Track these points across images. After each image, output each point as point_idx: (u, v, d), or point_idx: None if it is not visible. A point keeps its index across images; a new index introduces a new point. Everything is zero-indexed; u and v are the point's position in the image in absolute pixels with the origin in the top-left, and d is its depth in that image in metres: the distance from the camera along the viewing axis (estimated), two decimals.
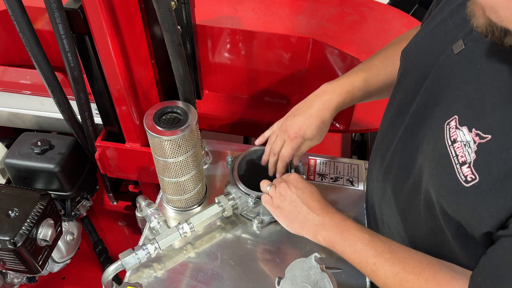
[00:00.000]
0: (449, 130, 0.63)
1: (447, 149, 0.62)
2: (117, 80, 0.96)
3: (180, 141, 0.88)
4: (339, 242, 0.79)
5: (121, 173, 1.23)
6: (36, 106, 1.41)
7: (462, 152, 0.60)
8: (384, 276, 0.72)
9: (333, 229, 0.81)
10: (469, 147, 0.59)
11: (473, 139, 0.58)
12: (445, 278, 0.66)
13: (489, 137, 0.57)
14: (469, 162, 0.58)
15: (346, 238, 0.78)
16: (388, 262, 0.72)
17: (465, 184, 0.59)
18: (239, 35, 1.35)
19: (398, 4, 1.74)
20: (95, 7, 0.82)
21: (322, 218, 0.82)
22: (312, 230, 0.83)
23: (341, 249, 0.79)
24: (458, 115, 0.62)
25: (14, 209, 1.04)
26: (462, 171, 0.59)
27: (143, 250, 0.88)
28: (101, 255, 1.51)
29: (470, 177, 0.58)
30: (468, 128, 0.60)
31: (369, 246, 0.75)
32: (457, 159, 0.60)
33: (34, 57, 0.95)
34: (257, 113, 1.47)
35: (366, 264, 0.74)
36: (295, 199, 0.86)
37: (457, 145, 0.61)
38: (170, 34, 0.83)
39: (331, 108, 0.91)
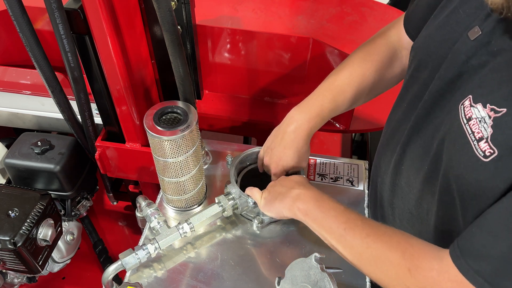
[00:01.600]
0: (464, 110, 0.63)
1: (463, 128, 0.62)
2: (117, 80, 0.96)
3: (180, 141, 0.88)
4: (312, 211, 0.81)
5: (121, 173, 1.23)
6: (36, 106, 1.41)
7: (478, 128, 0.60)
8: (352, 240, 0.72)
9: (307, 199, 0.83)
10: (484, 123, 0.59)
11: (488, 114, 0.58)
12: (420, 244, 0.66)
13: (504, 110, 0.57)
14: (486, 137, 0.58)
15: (320, 207, 0.81)
16: (358, 227, 0.73)
17: (484, 160, 0.59)
18: (239, 35, 1.35)
19: (398, 4, 1.74)
20: (95, 7, 0.82)
21: (298, 190, 0.85)
22: (289, 203, 0.85)
23: (313, 217, 0.80)
24: (472, 94, 0.62)
25: (14, 209, 1.04)
26: (480, 147, 0.59)
27: (143, 250, 0.88)
28: (101, 255, 1.51)
29: (489, 152, 0.58)
30: (483, 104, 0.60)
31: (342, 215, 0.77)
32: (474, 135, 0.60)
33: (34, 57, 0.95)
34: (257, 113, 1.47)
35: (336, 229, 0.75)
36: (280, 190, 0.89)
37: (473, 122, 0.61)
38: (170, 34, 0.83)
39: (303, 136, 0.95)
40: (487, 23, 0.65)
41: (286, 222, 1.02)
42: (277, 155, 0.96)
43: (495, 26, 0.63)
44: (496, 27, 0.63)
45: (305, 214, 0.82)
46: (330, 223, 0.77)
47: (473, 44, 0.66)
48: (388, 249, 0.67)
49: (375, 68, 0.94)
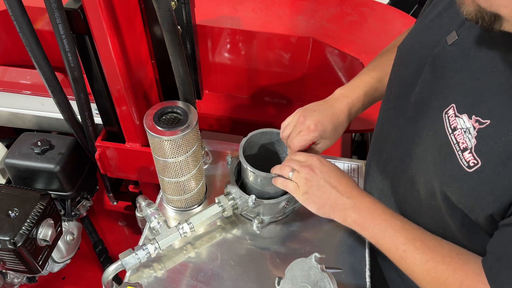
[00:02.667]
0: (448, 119, 0.64)
1: (448, 137, 0.64)
2: (117, 80, 0.96)
3: (180, 141, 0.88)
4: (369, 226, 0.78)
5: (121, 173, 1.23)
6: (36, 106, 1.41)
7: (462, 138, 0.61)
8: (413, 264, 0.71)
9: (363, 213, 0.79)
10: (469, 134, 0.60)
11: (473, 125, 0.60)
12: (473, 269, 0.65)
13: (488, 122, 0.58)
14: (470, 147, 0.60)
15: (377, 223, 0.77)
16: (418, 250, 0.71)
17: (468, 170, 0.60)
18: (239, 35, 1.35)
19: (398, 4, 1.74)
20: (95, 7, 0.82)
21: (352, 201, 0.81)
22: (342, 213, 0.82)
23: (370, 234, 0.78)
24: (455, 103, 0.64)
25: (14, 209, 1.04)
26: (464, 157, 0.61)
27: (143, 250, 0.88)
28: (101, 255, 1.51)
29: (473, 162, 0.60)
30: (468, 115, 0.61)
31: (399, 233, 0.74)
32: (458, 146, 0.62)
33: (34, 57, 0.95)
34: (257, 113, 1.47)
35: (396, 251, 0.74)
36: (322, 184, 0.83)
37: (458, 133, 0.62)
38: (170, 34, 0.83)
39: (351, 112, 0.92)
40: (463, 28, 0.66)
41: (286, 222, 1.02)
42: (321, 117, 0.89)
43: (470, 31, 0.64)
44: (472, 32, 0.64)
45: (362, 229, 0.80)
46: (389, 243, 0.75)
47: (450, 48, 0.67)
48: (447, 278, 0.67)
49: None
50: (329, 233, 1.00)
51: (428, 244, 0.71)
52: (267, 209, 0.99)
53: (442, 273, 0.67)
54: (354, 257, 0.95)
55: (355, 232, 0.98)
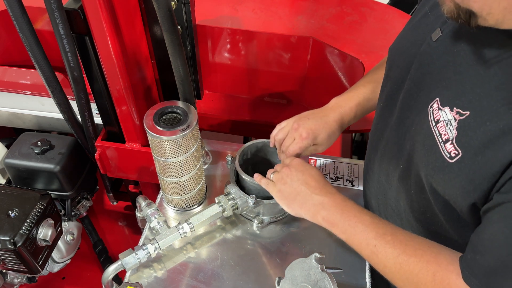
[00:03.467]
0: (433, 112, 0.67)
1: (431, 130, 0.66)
2: (117, 80, 0.96)
3: (180, 141, 0.88)
4: (338, 222, 0.78)
5: (121, 173, 1.23)
6: (36, 106, 1.41)
7: (445, 130, 0.63)
8: (385, 258, 0.71)
9: (332, 209, 0.80)
10: (450, 125, 0.63)
11: (454, 117, 0.62)
12: (446, 260, 0.66)
13: (467, 113, 0.61)
14: (451, 139, 0.62)
15: (347, 219, 0.77)
16: (389, 244, 0.71)
17: (449, 160, 0.62)
18: (239, 35, 1.35)
19: (398, 4, 1.74)
20: (95, 7, 0.82)
21: (321, 197, 0.82)
22: (311, 209, 0.82)
23: (340, 230, 0.78)
24: (439, 97, 0.66)
25: (14, 209, 1.04)
26: (446, 148, 0.63)
27: (143, 250, 0.88)
28: (101, 255, 1.51)
29: (454, 153, 0.62)
30: (450, 107, 0.63)
31: (370, 228, 0.74)
32: (441, 137, 0.64)
33: (34, 57, 0.95)
34: (257, 113, 1.47)
35: (366, 246, 0.74)
36: (295, 181, 0.85)
37: (440, 125, 0.64)
38: (170, 34, 0.83)
39: (344, 121, 0.95)
40: (447, 25, 0.68)
41: (286, 222, 1.02)
42: (315, 125, 0.93)
43: (453, 27, 0.67)
44: (454, 29, 0.66)
45: (332, 225, 0.80)
46: (360, 238, 0.75)
47: (435, 45, 0.69)
48: (420, 271, 0.67)
49: None
50: (329, 233, 0.99)
51: (399, 238, 0.71)
52: (267, 209, 0.99)
53: (414, 266, 0.68)
54: (354, 257, 0.95)
55: None
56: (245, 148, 1.05)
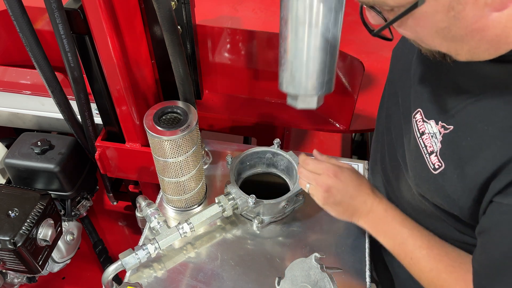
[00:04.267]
0: (417, 123, 0.70)
1: (417, 141, 0.70)
2: (117, 80, 0.96)
3: (180, 141, 0.88)
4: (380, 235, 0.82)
5: (121, 173, 1.23)
6: (36, 106, 1.41)
7: (430, 142, 0.67)
8: (419, 271, 0.75)
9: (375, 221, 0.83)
10: (435, 138, 0.66)
11: (439, 131, 0.66)
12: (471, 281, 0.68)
13: (451, 127, 0.64)
14: (436, 151, 0.65)
15: (387, 232, 0.81)
16: (423, 259, 0.75)
17: (434, 172, 0.66)
18: (239, 35, 1.34)
19: None
20: (95, 7, 0.82)
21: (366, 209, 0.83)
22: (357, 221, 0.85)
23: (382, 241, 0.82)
24: (422, 109, 0.69)
25: (14, 209, 1.04)
26: (431, 159, 0.66)
27: (143, 250, 0.88)
28: (101, 255, 1.51)
29: (438, 165, 0.65)
30: (435, 121, 0.67)
31: (407, 241, 0.78)
32: (426, 149, 0.67)
33: (34, 57, 0.95)
34: (257, 113, 1.47)
35: (404, 258, 0.78)
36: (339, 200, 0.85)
37: (425, 137, 0.68)
38: (170, 34, 0.83)
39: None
40: None
41: (286, 222, 1.02)
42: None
43: None
44: None
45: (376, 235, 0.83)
46: (399, 251, 0.79)
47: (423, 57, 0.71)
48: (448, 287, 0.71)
49: None
50: (329, 233, 1.00)
51: (433, 253, 0.74)
52: (267, 209, 0.99)
53: (444, 282, 0.71)
54: (354, 257, 0.95)
55: (355, 232, 0.99)
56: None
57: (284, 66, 0.74)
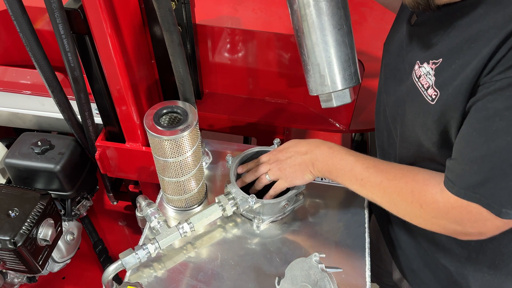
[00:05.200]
0: (415, 72, 0.78)
1: (416, 85, 0.77)
2: (117, 80, 0.96)
3: (180, 141, 0.88)
4: (332, 169, 0.89)
5: (121, 173, 1.23)
6: (36, 106, 1.41)
7: (425, 80, 0.74)
8: (371, 188, 0.82)
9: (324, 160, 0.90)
10: (429, 75, 0.73)
11: (431, 68, 0.73)
12: (423, 177, 0.76)
13: (440, 60, 0.71)
14: (431, 84, 0.72)
15: (336, 164, 0.88)
16: (372, 175, 0.82)
17: (431, 103, 0.72)
18: (239, 35, 1.35)
19: None
20: (95, 7, 0.82)
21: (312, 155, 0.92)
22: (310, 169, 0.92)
23: (336, 175, 0.89)
24: (418, 60, 0.77)
25: (14, 209, 1.04)
26: (428, 93, 0.73)
27: (143, 249, 0.88)
28: (101, 255, 1.51)
29: (434, 95, 0.72)
30: (427, 62, 0.74)
31: (355, 165, 0.85)
32: (423, 87, 0.75)
33: (34, 57, 0.95)
34: (257, 113, 1.47)
35: (355, 181, 0.85)
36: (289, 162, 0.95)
37: (422, 78, 0.75)
38: (170, 34, 0.83)
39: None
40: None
41: (286, 222, 1.02)
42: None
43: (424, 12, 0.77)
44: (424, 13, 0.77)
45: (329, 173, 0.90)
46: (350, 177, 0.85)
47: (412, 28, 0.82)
48: (400, 191, 0.78)
49: None
50: (329, 233, 1.00)
51: (380, 168, 0.82)
52: (267, 209, 0.99)
53: (394, 188, 0.78)
54: (354, 257, 0.95)
55: (355, 232, 0.99)
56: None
57: (311, 72, 0.84)
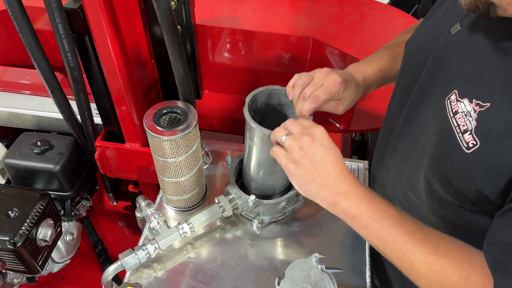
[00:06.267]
0: (450, 104, 0.66)
1: (449, 121, 0.65)
2: (117, 80, 0.96)
3: (180, 141, 0.88)
4: (363, 216, 0.70)
5: (121, 173, 1.23)
6: (36, 106, 1.41)
7: (463, 121, 0.63)
8: (413, 257, 0.66)
9: (356, 200, 0.71)
10: (470, 116, 0.62)
11: (474, 109, 0.62)
12: (480, 263, 0.63)
13: (488, 104, 0.60)
14: (470, 129, 0.62)
15: (372, 212, 0.70)
16: (418, 243, 0.66)
17: (466, 151, 0.62)
18: (239, 35, 1.34)
19: (398, 4, 1.74)
20: (95, 7, 0.82)
21: (345, 186, 0.72)
22: (331, 198, 0.73)
23: (364, 224, 0.71)
24: (457, 89, 0.65)
25: (14, 209, 1.03)
26: (464, 138, 0.62)
27: (143, 250, 0.88)
28: (101, 255, 1.51)
29: (472, 143, 0.61)
30: (469, 99, 0.63)
31: (398, 224, 0.68)
32: (459, 128, 0.63)
33: (34, 57, 0.95)
34: None
35: (393, 243, 0.68)
36: (318, 158, 0.73)
37: (459, 116, 0.64)
38: (170, 34, 0.83)
39: (367, 86, 0.92)
40: (467, 19, 0.68)
41: (286, 222, 1.02)
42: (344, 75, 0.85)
43: (473, 21, 0.67)
44: (473, 23, 0.67)
45: (353, 219, 0.72)
46: (386, 234, 0.69)
47: (453, 38, 0.69)
48: (452, 273, 0.64)
49: None
50: (329, 233, 1.00)
51: (429, 237, 0.67)
52: (267, 209, 0.98)
53: (446, 267, 0.64)
54: (354, 257, 0.95)
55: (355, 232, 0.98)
56: (256, 95, 0.88)
57: None
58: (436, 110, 0.69)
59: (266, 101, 0.91)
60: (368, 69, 0.93)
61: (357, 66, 0.94)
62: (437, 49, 0.72)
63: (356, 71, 0.92)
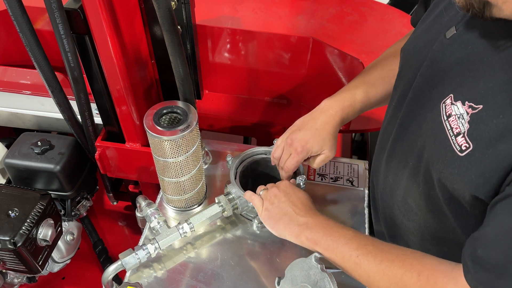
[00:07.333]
0: (445, 108, 0.67)
1: (443, 124, 0.66)
2: (117, 80, 0.96)
3: (180, 141, 0.88)
4: (321, 239, 0.79)
5: (121, 173, 1.23)
6: (36, 106, 1.41)
7: (456, 124, 0.63)
8: (367, 268, 0.72)
9: (315, 228, 0.81)
10: (462, 119, 0.62)
11: (466, 111, 0.62)
12: (431, 262, 0.67)
13: (480, 106, 0.60)
14: (463, 132, 0.62)
15: (329, 235, 0.78)
16: (371, 253, 0.72)
17: (460, 154, 0.62)
18: (239, 35, 1.35)
19: (398, 4, 1.74)
20: (95, 7, 0.82)
21: (305, 218, 0.83)
22: (295, 230, 0.83)
23: (323, 247, 0.78)
24: (453, 93, 0.66)
25: (14, 209, 1.03)
26: (457, 141, 0.63)
27: (143, 250, 0.88)
28: (101, 255, 1.51)
29: (465, 146, 0.61)
30: (462, 102, 0.63)
31: (352, 240, 0.76)
32: (452, 131, 0.64)
33: (34, 57, 0.95)
34: (257, 113, 1.47)
35: (349, 258, 0.74)
36: (282, 201, 0.87)
37: (452, 119, 0.64)
38: (170, 34, 0.83)
39: (336, 123, 0.93)
40: (462, 22, 0.67)
41: None
42: (307, 136, 0.92)
43: (468, 25, 0.66)
44: (469, 26, 0.66)
45: (315, 244, 0.80)
46: (343, 251, 0.76)
47: (448, 42, 0.69)
48: (404, 273, 0.68)
49: None
50: None
51: (381, 247, 0.73)
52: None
53: (398, 270, 0.68)
54: None
55: None
56: (245, 162, 1.05)
57: None
58: (431, 115, 0.70)
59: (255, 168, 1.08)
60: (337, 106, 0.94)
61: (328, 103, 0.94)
62: (432, 54, 0.73)
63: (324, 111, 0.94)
